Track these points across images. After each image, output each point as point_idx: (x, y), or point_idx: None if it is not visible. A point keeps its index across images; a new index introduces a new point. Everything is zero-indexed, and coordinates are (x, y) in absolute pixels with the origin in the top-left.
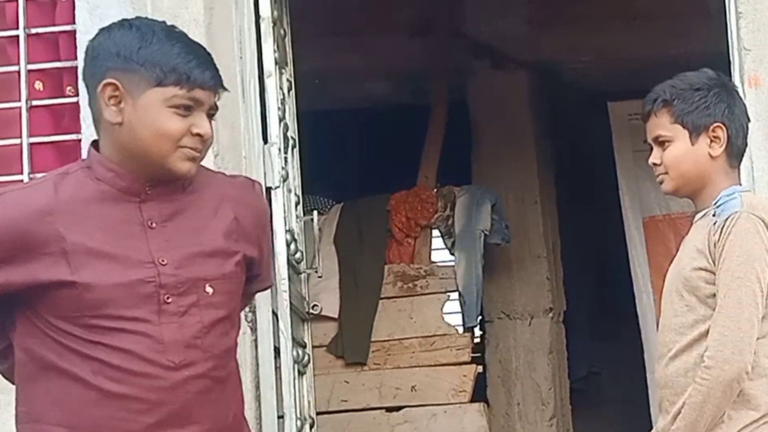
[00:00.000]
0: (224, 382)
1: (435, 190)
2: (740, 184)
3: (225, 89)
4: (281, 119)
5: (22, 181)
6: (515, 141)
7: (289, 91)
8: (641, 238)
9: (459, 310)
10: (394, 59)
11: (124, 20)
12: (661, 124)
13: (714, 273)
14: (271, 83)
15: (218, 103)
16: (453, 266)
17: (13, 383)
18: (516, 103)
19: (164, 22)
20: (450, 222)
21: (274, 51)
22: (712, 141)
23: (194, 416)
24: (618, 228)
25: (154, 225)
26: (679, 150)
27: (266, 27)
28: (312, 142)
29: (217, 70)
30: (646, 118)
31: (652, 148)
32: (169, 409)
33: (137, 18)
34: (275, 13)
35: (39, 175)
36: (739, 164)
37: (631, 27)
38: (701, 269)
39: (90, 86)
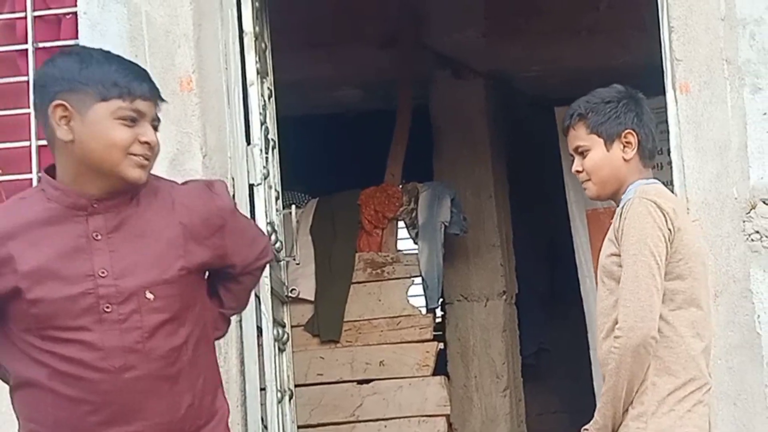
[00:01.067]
0: (174, 378)
1: (400, 186)
2: (649, 179)
3: (163, 100)
4: (262, 123)
5: (31, 179)
6: (472, 142)
7: (269, 98)
8: (585, 229)
9: (422, 293)
10: (364, 69)
11: (63, 49)
12: (579, 136)
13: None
14: (253, 91)
15: (202, 109)
16: (416, 254)
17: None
18: (473, 109)
19: (101, 48)
20: (414, 215)
21: (256, 62)
22: (625, 146)
23: (140, 413)
24: (564, 220)
25: (99, 237)
26: (596, 157)
27: (249, 41)
28: (290, 144)
29: (153, 83)
30: (566, 132)
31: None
32: (114, 408)
33: (75, 46)
34: (257, 28)
35: None
36: (652, 164)
37: (576, 40)
38: (613, 255)
39: (40, 113)
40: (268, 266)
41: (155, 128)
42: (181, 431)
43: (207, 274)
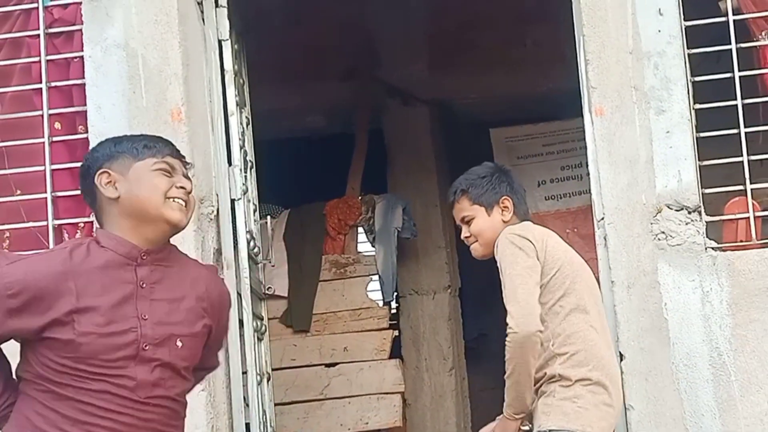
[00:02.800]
0: (178, 414)
1: (359, 198)
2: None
3: (190, 164)
4: (242, 147)
5: (45, 199)
6: (420, 160)
7: (247, 126)
8: None
9: (379, 288)
10: (327, 99)
11: (98, 144)
12: (464, 208)
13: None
14: (233, 120)
15: (190, 136)
16: (374, 255)
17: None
18: (420, 131)
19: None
20: (371, 222)
21: (236, 96)
22: (503, 210)
23: None
24: None
25: (144, 285)
26: (480, 222)
27: (229, 78)
28: (265, 164)
29: (176, 147)
30: (452, 207)
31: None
32: (136, 429)
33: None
34: (236, 67)
35: (60, 193)
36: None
37: (507, 71)
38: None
39: (87, 191)
40: (248, 268)
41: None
42: None
43: None
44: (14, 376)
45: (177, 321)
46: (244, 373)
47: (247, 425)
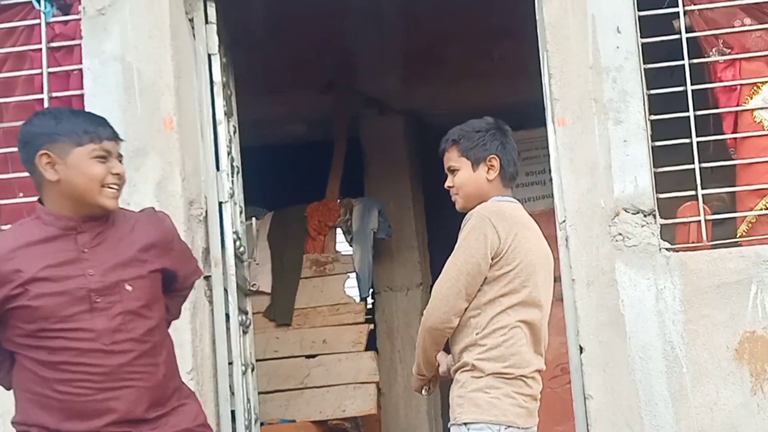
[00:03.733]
0: (150, 353)
1: (338, 201)
2: (505, 197)
3: (122, 140)
4: (229, 153)
5: None
6: (394, 166)
7: (234, 133)
8: None
9: (356, 285)
10: (308, 109)
11: (37, 111)
12: (452, 158)
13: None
14: (221, 128)
15: (181, 143)
16: (351, 254)
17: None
18: (394, 139)
19: (68, 106)
20: (349, 223)
21: (224, 105)
22: (489, 169)
23: (128, 381)
24: None
25: (86, 250)
26: (464, 176)
27: (218, 89)
28: (251, 169)
29: (112, 127)
30: (442, 154)
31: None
32: (107, 380)
33: (46, 108)
34: (224, 79)
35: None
36: (512, 185)
37: (476, 84)
38: None
39: (28, 163)
40: (234, 266)
41: (120, 161)
42: (162, 395)
43: None
44: None
45: (122, 268)
46: (230, 363)
47: (233, 412)
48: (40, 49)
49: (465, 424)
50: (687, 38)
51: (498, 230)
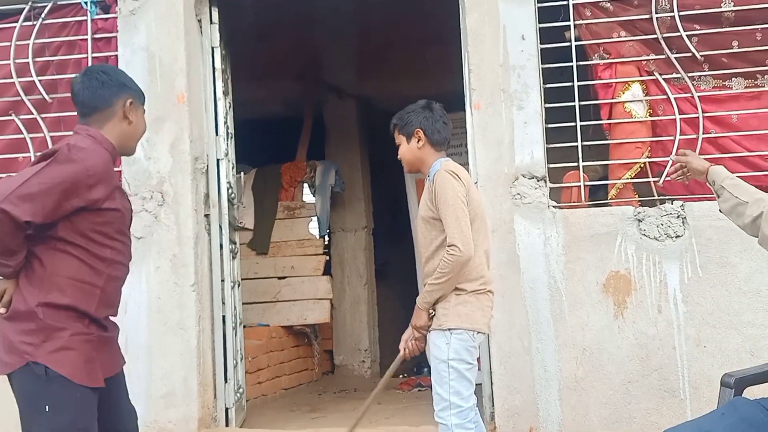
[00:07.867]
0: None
1: (305, 162)
2: (445, 157)
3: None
4: (225, 122)
5: None
6: (348, 138)
7: (229, 108)
8: (414, 190)
9: (317, 226)
10: (284, 92)
11: (111, 66)
12: (396, 136)
13: (434, 210)
14: (221, 104)
15: (190, 114)
16: (314, 203)
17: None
18: (349, 118)
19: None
20: (313, 179)
21: (222, 87)
22: (418, 140)
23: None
24: (402, 184)
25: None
26: (404, 148)
27: (218, 74)
28: (241, 136)
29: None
30: (392, 134)
31: None
32: (121, 283)
33: (117, 68)
34: (223, 66)
35: None
36: (444, 147)
37: (413, 77)
38: (430, 209)
39: (110, 98)
40: (227, 207)
41: None
42: None
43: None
44: None
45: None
46: (222, 280)
47: (223, 317)
48: (86, 39)
49: (450, 329)
50: (575, 45)
51: (461, 177)
